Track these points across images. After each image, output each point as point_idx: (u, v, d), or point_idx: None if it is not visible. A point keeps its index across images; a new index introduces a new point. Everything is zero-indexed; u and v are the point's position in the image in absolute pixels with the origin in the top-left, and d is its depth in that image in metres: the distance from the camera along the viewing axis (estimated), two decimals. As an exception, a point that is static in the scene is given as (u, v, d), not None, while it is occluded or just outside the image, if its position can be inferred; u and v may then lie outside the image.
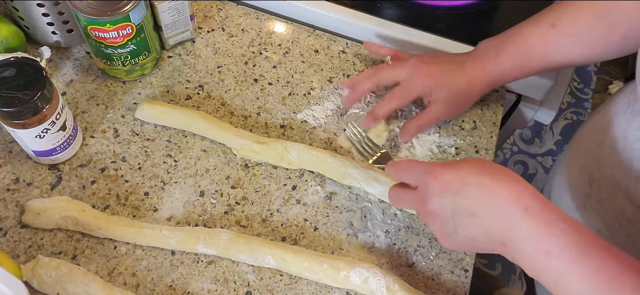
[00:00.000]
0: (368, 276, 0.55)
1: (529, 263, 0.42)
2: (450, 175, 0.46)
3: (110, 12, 0.61)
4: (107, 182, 0.62)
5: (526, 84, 0.72)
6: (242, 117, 0.68)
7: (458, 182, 0.45)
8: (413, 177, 0.50)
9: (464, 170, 0.45)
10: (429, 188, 0.47)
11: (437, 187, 0.46)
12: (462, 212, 0.45)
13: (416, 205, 0.50)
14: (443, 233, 0.47)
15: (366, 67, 0.73)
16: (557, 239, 0.41)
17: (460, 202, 0.45)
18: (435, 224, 0.47)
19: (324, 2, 0.75)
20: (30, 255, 0.57)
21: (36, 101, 0.54)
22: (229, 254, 0.57)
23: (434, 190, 0.46)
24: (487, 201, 0.44)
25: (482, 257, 1.52)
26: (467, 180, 0.45)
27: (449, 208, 0.46)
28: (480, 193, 0.44)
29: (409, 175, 0.50)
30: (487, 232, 0.44)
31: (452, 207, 0.45)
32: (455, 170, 0.46)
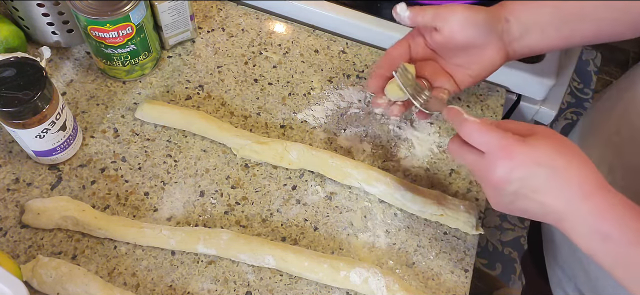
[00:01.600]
0: (368, 276, 0.55)
1: (585, 243, 0.43)
2: (524, 154, 0.44)
3: (110, 12, 0.61)
4: (107, 182, 0.62)
5: (526, 84, 0.72)
6: (242, 117, 0.68)
7: (531, 163, 0.44)
8: (483, 143, 0.46)
9: (540, 150, 0.44)
10: (499, 162, 0.45)
11: (507, 165, 0.44)
12: (526, 189, 0.44)
13: (478, 169, 0.48)
14: (497, 200, 0.47)
15: (366, 67, 0.73)
16: (615, 222, 0.41)
17: (528, 182, 0.44)
18: (493, 191, 0.47)
19: (324, 2, 0.75)
20: (30, 255, 0.57)
21: (36, 101, 0.54)
22: (229, 254, 0.57)
23: (503, 166, 0.45)
24: (553, 182, 0.44)
25: (482, 257, 1.52)
26: (540, 160, 0.44)
27: (514, 185, 0.45)
28: (550, 174, 0.43)
29: (480, 140, 0.47)
30: (545, 208, 0.44)
31: (518, 184, 0.45)
32: (530, 148, 0.44)
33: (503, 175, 0.45)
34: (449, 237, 0.61)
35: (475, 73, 0.57)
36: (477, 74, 0.57)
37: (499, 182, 0.45)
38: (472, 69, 0.57)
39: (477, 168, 0.48)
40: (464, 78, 0.57)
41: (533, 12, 0.54)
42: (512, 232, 1.56)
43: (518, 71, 0.70)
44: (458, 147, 0.49)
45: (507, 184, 0.45)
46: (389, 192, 0.61)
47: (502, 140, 0.45)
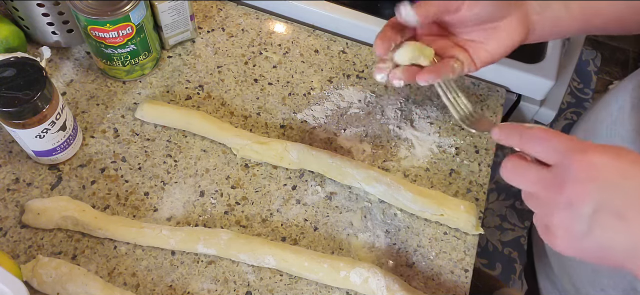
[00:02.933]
0: (368, 276, 0.55)
1: None
2: (605, 159, 0.36)
3: (110, 12, 0.61)
4: (107, 182, 0.62)
5: (526, 84, 0.72)
6: (242, 117, 0.68)
7: (615, 173, 0.35)
8: (549, 151, 0.39)
9: (625, 159, 0.36)
10: (573, 172, 0.36)
11: (583, 172, 0.36)
12: (608, 211, 0.35)
13: (544, 187, 0.39)
14: (569, 231, 0.37)
15: (366, 67, 0.73)
16: None
17: (611, 199, 0.35)
18: (564, 217, 0.37)
19: (324, 2, 0.75)
20: (30, 255, 0.57)
21: (36, 101, 0.54)
22: (229, 254, 0.57)
23: (577, 175, 0.36)
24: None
25: (482, 257, 1.52)
26: (627, 173, 0.35)
27: (592, 202, 0.36)
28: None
29: (544, 147, 0.39)
30: (633, 242, 0.35)
31: (597, 202, 0.36)
32: (613, 156, 0.36)
33: (577, 187, 0.36)
34: (449, 237, 0.61)
35: (493, 49, 0.51)
36: (495, 51, 0.51)
37: (571, 197, 0.36)
38: (490, 45, 0.51)
39: (542, 188, 0.39)
40: (480, 54, 0.51)
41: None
42: (512, 232, 1.56)
43: (518, 71, 0.70)
44: (515, 164, 0.41)
45: (584, 200, 0.36)
46: (389, 192, 0.61)
47: (578, 144, 0.37)
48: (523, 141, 0.41)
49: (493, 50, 0.51)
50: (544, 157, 0.39)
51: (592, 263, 0.57)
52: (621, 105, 0.57)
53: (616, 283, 0.54)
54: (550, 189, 0.38)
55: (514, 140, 0.42)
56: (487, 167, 0.66)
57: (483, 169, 0.65)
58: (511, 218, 1.58)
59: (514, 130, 0.42)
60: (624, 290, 0.53)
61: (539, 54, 0.72)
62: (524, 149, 0.41)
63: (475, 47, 0.51)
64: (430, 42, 0.52)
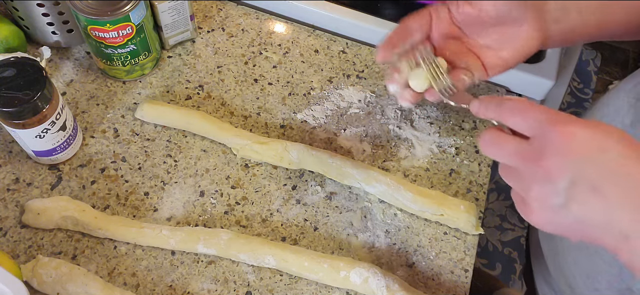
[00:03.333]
0: (368, 276, 0.55)
1: None
2: (585, 132, 0.35)
3: (110, 12, 0.61)
4: (107, 182, 0.62)
5: (526, 84, 0.72)
6: (242, 117, 0.68)
7: (593, 146, 0.35)
8: (529, 123, 0.38)
9: (603, 133, 0.35)
10: (552, 143, 0.36)
11: (563, 145, 0.35)
12: (584, 183, 0.35)
13: (522, 159, 0.38)
14: (546, 204, 0.37)
15: (366, 67, 0.73)
16: None
17: (588, 172, 0.35)
18: (541, 189, 0.37)
19: (324, 2, 0.75)
20: (30, 255, 0.57)
21: (36, 101, 0.54)
22: (229, 254, 0.57)
23: (557, 148, 0.36)
24: (623, 179, 0.34)
25: (482, 257, 1.52)
26: (605, 146, 0.35)
27: (569, 175, 0.35)
28: (618, 166, 0.34)
29: (524, 119, 0.38)
30: (609, 216, 0.35)
31: (574, 174, 0.35)
32: (591, 129, 0.35)
33: (556, 159, 0.35)
34: (449, 237, 0.61)
35: (508, 56, 0.49)
36: (509, 58, 0.49)
37: (550, 170, 0.36)
38: (504, 51, 0.48)
39: (521, 159, 0.38)
40: (493, 61, 0.49)
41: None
42: (512, 232, 1.56)
43: (518, 71, 0.70)
44: (493, 135, 0.40)
45: (561, 172, 0.35)
46: (389, 192, 0.61)
47: (554, 115, 0.37)
48: (501, 112, 0.40)
49: (507, 58, 0.49)
50: (522, 129, 0.39)
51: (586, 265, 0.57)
52: (618, 108, 0.57)
53: (611, 284, 0.54)
54: (528, 160, 0.37)
55: (492, 112, 0.41)
56: (487, 167, 0.66)
57: (483, 169, 0.65)
58: (511, 218, 1.58)
59: (491, 101, 0.41)
60: (619, 290, 0.53)
61: (539, 54, 0.72)
62: (502, 120, 0.40)
63: (489, 53, 0.49)
64: (443, 45, 0.50)
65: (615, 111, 0.56)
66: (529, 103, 0.39)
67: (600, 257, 0.55)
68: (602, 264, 0.54)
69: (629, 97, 0.55)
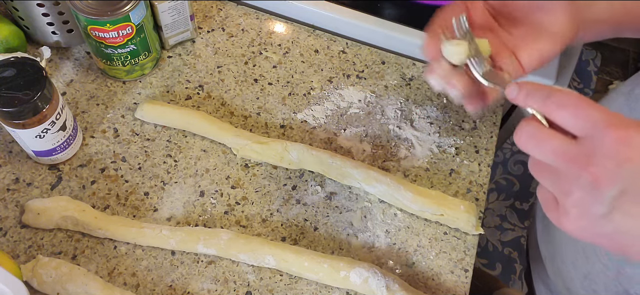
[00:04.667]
0: (368, 276, 0.55)
1: None
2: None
3: (110, 12, 0.61)
4: (107, 182, 0.62)
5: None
6: (242, 117, 0.68)
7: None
8: (581, 121, 0.34)
9: None
10: (605, 147, 0.32)
11: (618, 151, 0.32)
12: (635, 194, 0.32)
13: (566, 160, 0.34)
14: (586, 212, 0.34)
15: (366, 67, 0.73)
16: None
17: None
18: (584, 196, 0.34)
19: (324, 2, 0.75)
20: (30, 255, 0.57)
21: (36, 101, 0.54)
22: (229, 254, 0.57)
23: (610, 153, 0.32)
24: None
25: (482, 257, 1.52)
26: None
27: (620, 184, 0.32)
28: None
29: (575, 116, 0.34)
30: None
31: (625, 184, 0.32)
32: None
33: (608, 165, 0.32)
34: (449, 237, 0.61)
35: (543, 47, 0.46)
36: (545, 50, 0.46)
37: (598, 176, 0.33)
38: (540, 42, 0.46)
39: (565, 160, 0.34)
40: (531, 55, 0.46)
41: None
42: (512, 232, 1.56)
43: (518, 71, 0.70)
44: (534, 130, 0.36)
45: (611, 181, 0.32)
46: (389, 192, 0.61)
47: (614, 117, 0.33)
48: (548, 104, 0.36)
49: (543, 49, 0.46)
50: (571, 126, 0.35)
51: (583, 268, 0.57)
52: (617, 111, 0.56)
53: (608, 286, 0.54)
54: (573, 163, 0.34)
55: (535, 101, 0.37)
56: (487, 167, 0.66)
57: (483, 169, 0.65)
58: (511, 218, 1.58)
59: (538, 90, 0.37)
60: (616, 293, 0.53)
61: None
62: (548, 113, 0.36)
63: (524, 46, 0.47)
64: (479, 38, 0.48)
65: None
66: (581, 98, 0.34)
67: (598, 260, 0.55)
68: (600, 266, 0.54)
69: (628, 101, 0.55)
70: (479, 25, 0.48)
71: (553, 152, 0.35)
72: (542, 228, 0.68)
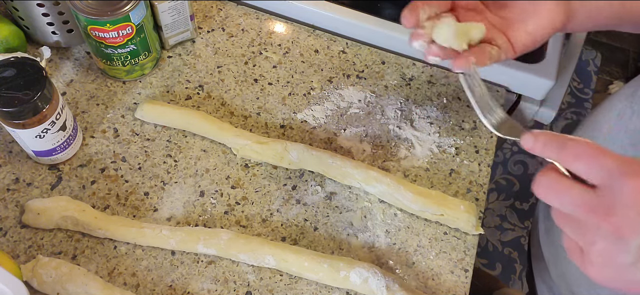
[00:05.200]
0: (368, 276, 0.55)
1: None
2: None
3: (110, 12, 0.61)
4: (107, 182, 0.62)
5: (526, 84, 0.72)
6: (242, 117, 0.68)
7: None
8: (597, 171, 0.34)
9: None
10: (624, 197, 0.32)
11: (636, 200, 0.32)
12: None
13: (587, 210, 0.34)
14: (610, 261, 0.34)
15: (366, 67, 0.73)
16: None
17: None
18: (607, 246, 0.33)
19: (324, 2, 0.75)
20: (30, 255, 0.57)
21: (36, 101, 0.54)
22: (229, 254, 0.57)
23: (629, 203, 0.32)
24: None
25: (482, 257, 1.52)
26: None
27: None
28: None
29: (591, 167, 0.34)
30: None
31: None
32: None
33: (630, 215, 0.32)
34: (449, 237, 0.61)
35: (533, 29, 0.46)
36: (535, 32, 0.46)
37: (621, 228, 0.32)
38: (529, 24, 0.45)
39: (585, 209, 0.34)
40: (520, 36, 0.46)
41: None
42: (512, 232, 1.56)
43: (518, 71, 0.70)
44: (553, 181, 0.36)
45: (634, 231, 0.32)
46: (389, 192, 0.61)
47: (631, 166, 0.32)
48: (564, 155, 0.35)
49: (534, 32, 0.46)
50: (587, 176, 0.34)
51: None
52: (620, 113, 0.56)
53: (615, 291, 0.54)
54: (594, 213, 0.34)
55: (551, 152, 0.37)
56: (487, 167, 0.66)
57: (483, 169, 0.65)
58: (511, 218, 1.58)
59: (553, 140, 0.36)
60: None
61: (539, 54, 0.72)
62: (564, 164, 0.36)
63: (514, 27, 0.46)
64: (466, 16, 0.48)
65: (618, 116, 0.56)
66: (595, 147, 0.34)
67: None
68: None
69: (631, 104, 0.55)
70: (467, 7, 0.48)
71: (572, 203, 0.35)
72: (544, 231, 0.68)
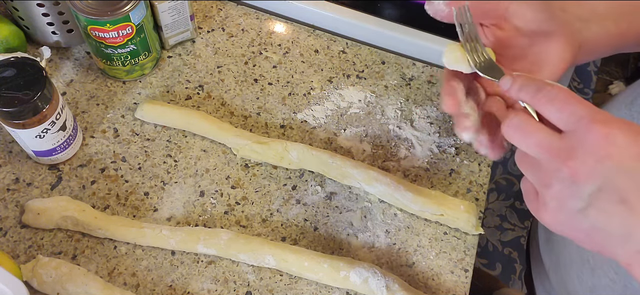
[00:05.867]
0: (368, 276, 0.55)
1: None
2: (625, 139, 0.32)
3: (110, 12, 0.61)
4: (107, 182, 0.62)
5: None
6: (242, 117, 0.68)
7: (633, 154, 0.32)
8: (567, 116, 0.34)
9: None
10: (587, 143, 0.33)
11: (598, 147, 0.32)
12: (612, 192, 0.32)
13: (549, 153, 0.35)
14: (564, 205, 0.34)
15: (366, 67, 0.73)
16: None
17: (620, 181, 0.32)
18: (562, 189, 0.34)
19: (324, 2, 0.75)
20: (30, 255, 0.57)
21: (36, 101, 0.54)
22: (229, 254, 0.57)
23: (591, 149, 0.32)
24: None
25: (482, 257, 1.52)
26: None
27: (598, 181, 0.32)
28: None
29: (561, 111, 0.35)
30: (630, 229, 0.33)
31: (604, 182, 0.32)
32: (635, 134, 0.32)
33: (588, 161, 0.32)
34: (449, 237, 0.61)
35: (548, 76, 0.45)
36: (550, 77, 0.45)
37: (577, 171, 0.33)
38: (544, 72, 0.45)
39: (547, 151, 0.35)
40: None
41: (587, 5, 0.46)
42: (512, 232, 1.56)
43: (518, 71, 0.70)
44: (522, 122, 0.36)
45: (589, 177, 0.33)
46: (389, 192, 0.61)
47: (600, 114, 0.33)
48: (537, 97, 0.36)
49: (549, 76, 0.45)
50: (558, 120, 0.35)
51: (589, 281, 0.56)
52: None
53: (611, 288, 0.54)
54: (555, 156, 0.34)
55: (526, 94, 0.37)
56: (487, 167, 0.66)
57: (483, 169, 0.65)
58: (511, 218, 1.58)
59: (530, 82, 0.37)
60: None
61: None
62: (537, 106, 0.36)
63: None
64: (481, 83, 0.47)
65: None
66: (570, 94, 0.35)
67: (604, 274, 0.54)
68: (607, 280, 0.54)
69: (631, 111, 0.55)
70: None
71: (537, 144, 0.35)
72: (545, 240, 0.68)
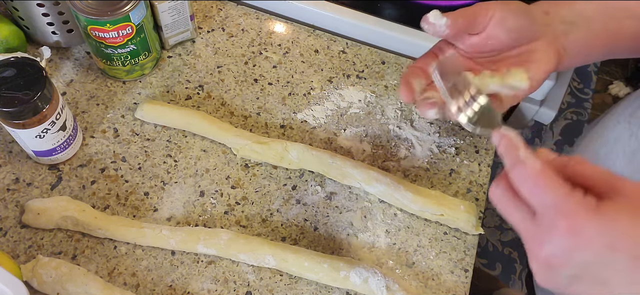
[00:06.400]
0: (368, 276, 0.55)
1: None
2: (593, 230, 0.32)
3: (110, 12, 0.61)
4: (107, 182, 0.62)
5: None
6: (242, 117, 0.68)
7: (602, 246, 0.32)
8: (535, 198, 0.34)
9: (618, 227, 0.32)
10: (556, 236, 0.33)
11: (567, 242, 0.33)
12: (590, 278, 0.33)
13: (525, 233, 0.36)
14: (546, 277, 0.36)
15: (366, 67, 0.73)
16: None
17: (595, 270, 0.33)
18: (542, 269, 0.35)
19: (324, 2, 0.75)
20: (30, 255, 0.57)
21: (36, 101, 0.54)
22: (229, 254, 0.57)
23: (560, 243, 0.33)
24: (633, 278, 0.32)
25: (482, 257, 1.52)
26: (617, 245, 0.32)
27: (574, 269, 0.33)
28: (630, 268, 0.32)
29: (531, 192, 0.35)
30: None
31: (580, 270, 0.33)
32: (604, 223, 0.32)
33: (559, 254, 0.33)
34: (449, 237, 0.61)
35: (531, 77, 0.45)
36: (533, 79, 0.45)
37: (551, 260, 0.34)
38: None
39: (524, 233, 0.36)
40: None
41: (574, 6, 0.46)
42: (512, 232, 1.56)
43: (518, 71, 0.70)
44: (503, 194, 0.37)
45: (563, 266, 0.33)
46: (389, 192, 0.61)
47: (565, 204, 0.33)
48: (512, 173, 0.36)
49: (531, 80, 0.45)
50: (528, 200, 0.35)
51: None
52: (617, 137, 0.56)
53: None
54: (531, 240, 0.35)
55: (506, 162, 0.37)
56: (487, 167, 0.66)
57: (483, 169, 0.65)
58: (511, 218, 1.58)
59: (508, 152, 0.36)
60: None
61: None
62: (514, 181, 0.36)
63: None
64: None
65: (615, 140, 0.56)
66: (542, 175, 0.34)
67: None
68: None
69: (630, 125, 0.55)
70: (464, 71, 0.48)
71: (515, 224, 0.37)
72: None
